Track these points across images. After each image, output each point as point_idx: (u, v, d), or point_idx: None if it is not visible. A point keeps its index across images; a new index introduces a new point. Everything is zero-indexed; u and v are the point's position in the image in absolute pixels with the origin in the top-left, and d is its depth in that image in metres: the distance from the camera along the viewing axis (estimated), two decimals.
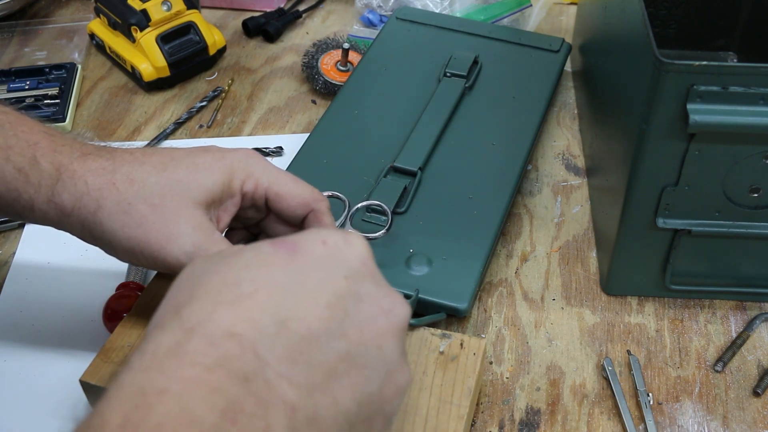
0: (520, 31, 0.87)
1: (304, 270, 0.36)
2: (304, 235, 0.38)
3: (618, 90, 0.64)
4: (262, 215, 0.54)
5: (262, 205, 0.53)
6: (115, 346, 0.54)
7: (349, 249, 0.39)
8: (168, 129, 0.81)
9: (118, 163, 0.49)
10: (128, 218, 0.47)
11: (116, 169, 0.48)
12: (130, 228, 0.47)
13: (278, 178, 0.51)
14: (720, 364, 0.59)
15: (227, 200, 0.50)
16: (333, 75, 0.85)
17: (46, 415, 0.56)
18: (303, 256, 0.37)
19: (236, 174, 0.50)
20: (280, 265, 0.36)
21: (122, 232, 0.48)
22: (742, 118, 0.52)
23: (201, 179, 0.49)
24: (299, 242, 0.38)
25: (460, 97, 0.76)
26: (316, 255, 0.37)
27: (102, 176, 0.48)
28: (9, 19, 0.98)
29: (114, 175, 0.48)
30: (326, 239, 0.38)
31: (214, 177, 0.49)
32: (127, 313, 0.57)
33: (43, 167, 0.48)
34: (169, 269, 0.48)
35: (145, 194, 0.47)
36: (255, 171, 0.51)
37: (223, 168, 0.50)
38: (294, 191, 0.51)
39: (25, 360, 0.60)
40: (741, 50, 0.83)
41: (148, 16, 0.85)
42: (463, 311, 0.59)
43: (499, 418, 0.56)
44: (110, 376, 0.52)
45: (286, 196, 0.51)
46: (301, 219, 0.53)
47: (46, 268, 0.68)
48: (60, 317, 0.63)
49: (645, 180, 0.56)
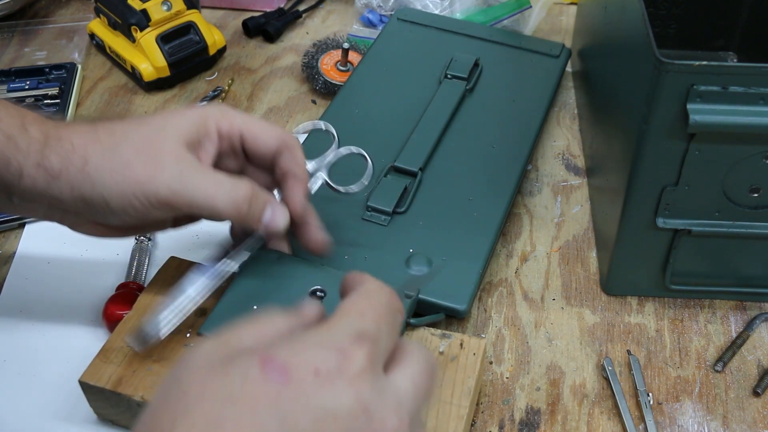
0: (521, 35, 0.87)
1: (293, 411, 0.33)
2: (296, 355, 0.34)
3: (618, 90, 0.64)
4: (241, 163, 0.57)
5: (239, 148, 0.56)
6: (115, 346, 0.54)
7: (341, 379, 0.34)
8: None
9: (99, 124, 0.52)
10: (115, 163, 0.50)
11: (98, 129, 0.52)
12: (118, 171, 0.50)
13: (250, 119, 0.56)
14: (720, 364, 0.59)
15: (205, 140, 0.53)
16: (333, 75, 0.85)
17: (46, 415, 0.56)
18: (293, 389, 0.33)
19: (210, 116, 0.54)
20: (267, 403, 0.33)
21: (110, 177, 0.50)
22: (742, 118, 0.52)
23: (178, 121, 0.53)
24: (291, 367, 0.34)
25: (461, 99, 0.76)
26: (308, 387, 0.33)
27: (86, 135, 0.51)
28: (9, 19, 0.98)
29: (96, 133, 0.51)
30: (319, 367, 0.34)
31: (190, 119, 0.53)
32: (126, 313, 0.57)
33: (31, 134, 0.50)
34: (162, 202, 0.51)
35: (128, 141, 0.51)
36: (228, 113, 0.55)
37: (198, 112, 0.54)
38: (266, 128, 0.56)
39: (25, 360, 0.60)
40: (741, 50, 0.83)
41: (148, 16, 0.85)
42: (462, 312, 0.59)
43: (499, 418, 0.56)
44: (110, 377, 0.53)
45: (259, 133, 0.55)
46: (275, 159, 0.56)
47: (46, 268, 0.68)
48: (60, 317, 0.63)
49: (645, 180, 0.56)
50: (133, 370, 0.53)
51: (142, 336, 0.52)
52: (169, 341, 0.54)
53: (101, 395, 0.53)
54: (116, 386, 0.52)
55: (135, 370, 0.53)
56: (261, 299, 0.56)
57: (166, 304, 0.53)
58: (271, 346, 0.34)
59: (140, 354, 0.54)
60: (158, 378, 0.52)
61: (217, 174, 0.52)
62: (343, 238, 0.63)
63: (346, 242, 0.63)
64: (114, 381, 0.52)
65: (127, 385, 0.52)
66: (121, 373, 0.53)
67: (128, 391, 0.52)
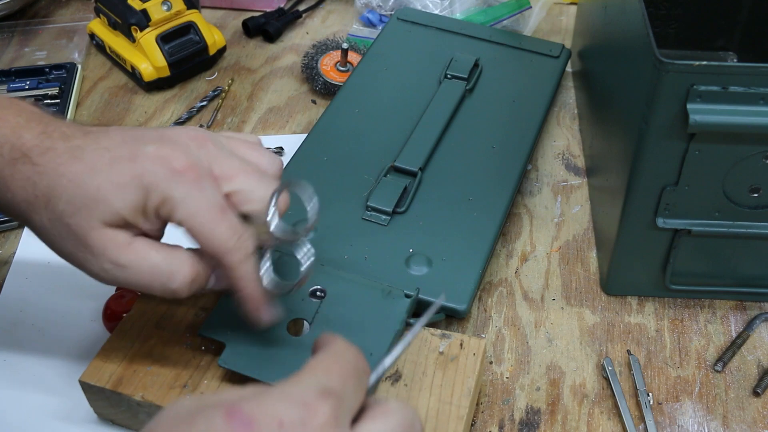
0: (521, 36, 0.87)
1: None
2: (261, 407, 0.34)
3: (618, 90, 0.64)
4: None
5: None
6: (115, 346, 0.54)
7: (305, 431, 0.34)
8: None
9: (41, 173, 0.47)
10: (50, 237, 0.48)
11: (37, 183, 0.47)
12: (54, 245, 0.48)
13: (195, 213, 0.46)
14: (720, 364, 0.59)
15: (141, 221, 0.47)
16: (333, 75, 0.85)
17: (46, 415, 0.56)
18: None
19: (151, 197, 0.46)
20: None
21: (51, 246, 0.48)
22: (742, 118, 0.52)
23: (112, 200, 0.46)
24: (256, 419, 0.34)
25: (461, 99, 0.76)
26: None
27: (26, 189, 0.47)
28: (9, 19, 0.98)
29: (36, 189, 0.47)
30: (283, 419, 0.34)
31: (126, 199, 0.46)
32: (126, 313, 0.57)
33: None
34: (111, 283, 0.48)
35: (59, 212, 0.46)
36: (172, 197, 0.46)
37: (138, 188, 0.46)
38: (207, 235, 0.46)
39: (25, 360, 0.60)
40: (741, 50, 0.83)
41: (148, 16, 0.85)
42: (461, 313, 0.59)
43: (499, 418, 0.56)
44: (110, 376, 0.53)
45: (197, 236, 0.47)
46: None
47: (46, 268, 0.68)
48: (60, 317, 0.63)
49: (645, 180, 0.56)
50: (133, 370, 0.53)
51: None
52: (168, 341, 0.55)
53: (101, 395, 0.53)
54: (116, 386, 0.52)
55: (135, 370, 0.53)
56: None
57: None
58: (239, 400, 0.35)
59: (140, 353, 0.54)
60: (158, 378, 0.52)
61: (149, 256, 0.47)
62: (343, 238, 0.63)
63: (346, 242, 0.63)
64: (114, 381, 0.52)
65: (127, 385, 0.52)
66: (122, 372, 0.53)
67: (128, 391, 0.52)
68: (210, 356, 0.54)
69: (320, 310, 0.55)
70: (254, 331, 0.52)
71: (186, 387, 0.52)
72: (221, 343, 0.53)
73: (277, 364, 0.52)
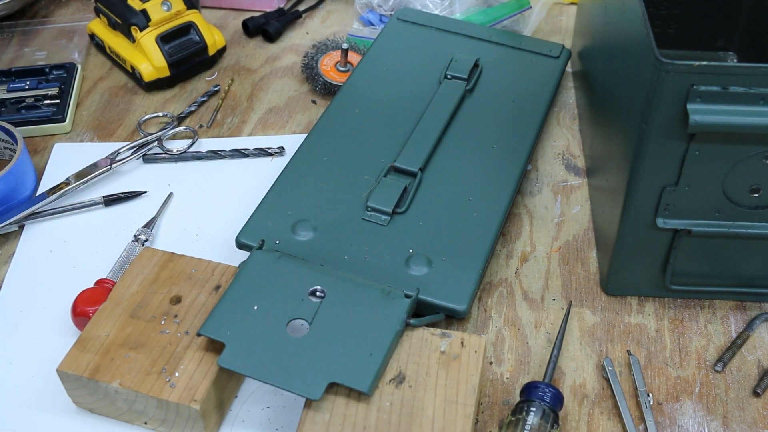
0: (521, 36, 0.87)
1: None
2: None
3: (618, 90, 0.64)
4: None
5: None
6: (92, 335, 0.56)
7: None
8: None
9: None
10: None
11: None
12: None
13: None
14: (720, 364, 0.59)
15: None
16: (333, 76, 0.85)
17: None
18: None
19: None
20: None
21: None
22: (742, 118, 0.52)
23: None
24: None
25: (461, 100, 0.76)
26: None
27: None
28: (9, 19, 0.98)
29: None
30: None
31: None
32: (94, 308, 0.59)
33: None
34: None
35: None
36: None
37: None
38: None
39: (26, 360, 0.60)
40: (741, 50, 0.83)
41: (148, 16, 0.85)
42: (461, 313, 0.59)
43: (499, 418, 0.56)
44: (87, 365, 0.53)
45: None
46: None
47: (45, 268, 0.68)
48: (60, 317, 0.63)
49: (645, 180, 0.56)
50: (110, 358, 0.54)
51: None
52: (144, 329, 0.56)
53: (79, 383, 0.54)
54: (94, 374, 0.53)
55: (112, 359, 0.54)
56: (261, 299, 0.56)
57: None
58: None
59: (116, 342, 0.55)
60: (135, 365, 0.53)
61: None
62: (343, 238, 0.63)
63: (346, 242, 0.63)
64: (91, 369, 0.53)
65: (104, 373, 0.53)
66: (99, 361, 0.54)
67: (105, 379, 0.53)
68: (186, 342, 0.55)
69: (320, 310, 0.55)
70: (254, 332, 0.52)
71: (164, 371, 0.53)
72: (221, 343, 0.53)
73: (277, 364, 0.52)
